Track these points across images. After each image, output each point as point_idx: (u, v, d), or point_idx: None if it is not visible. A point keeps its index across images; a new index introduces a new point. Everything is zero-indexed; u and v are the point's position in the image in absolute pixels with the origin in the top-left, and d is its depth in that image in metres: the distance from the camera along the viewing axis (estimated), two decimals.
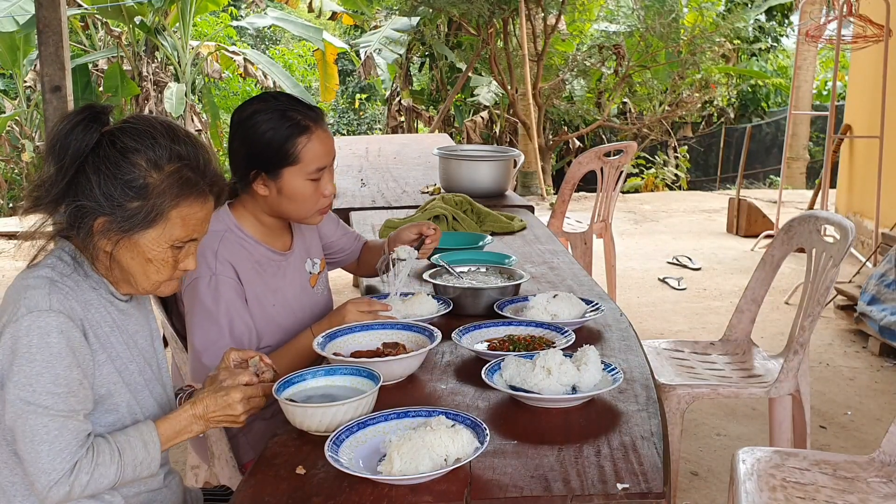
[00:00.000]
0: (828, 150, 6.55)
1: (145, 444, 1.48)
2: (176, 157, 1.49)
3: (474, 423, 1.44)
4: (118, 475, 1.44)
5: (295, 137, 1.98)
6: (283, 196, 2.02)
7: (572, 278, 2.63)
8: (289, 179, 2.00)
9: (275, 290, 2.10)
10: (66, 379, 1.40)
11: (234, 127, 2.03)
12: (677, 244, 7.46)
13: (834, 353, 4.58)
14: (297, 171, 2.00)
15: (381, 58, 12.26)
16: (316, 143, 2.00)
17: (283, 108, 2.00)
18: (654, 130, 12.50)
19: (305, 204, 2.04)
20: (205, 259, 1.97)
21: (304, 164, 1.99)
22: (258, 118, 1.98)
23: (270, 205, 2.05)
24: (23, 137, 11.53)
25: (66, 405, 1.40)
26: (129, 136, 1.48)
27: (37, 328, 1.39)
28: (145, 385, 1.59)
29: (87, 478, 1.40)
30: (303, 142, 1.98)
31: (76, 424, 1.41)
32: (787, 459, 2.09)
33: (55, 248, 1.52)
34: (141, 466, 1.48)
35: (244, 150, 2.01)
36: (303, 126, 1.99)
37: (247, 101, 2.05)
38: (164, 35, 11.42)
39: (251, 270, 2.04)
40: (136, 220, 1.47)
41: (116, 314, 1.55)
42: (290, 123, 1.98)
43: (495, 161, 4.03)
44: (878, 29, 6.00)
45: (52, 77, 4.87)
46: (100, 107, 1.50)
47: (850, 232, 2.43)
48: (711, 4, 12.50)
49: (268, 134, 1.97)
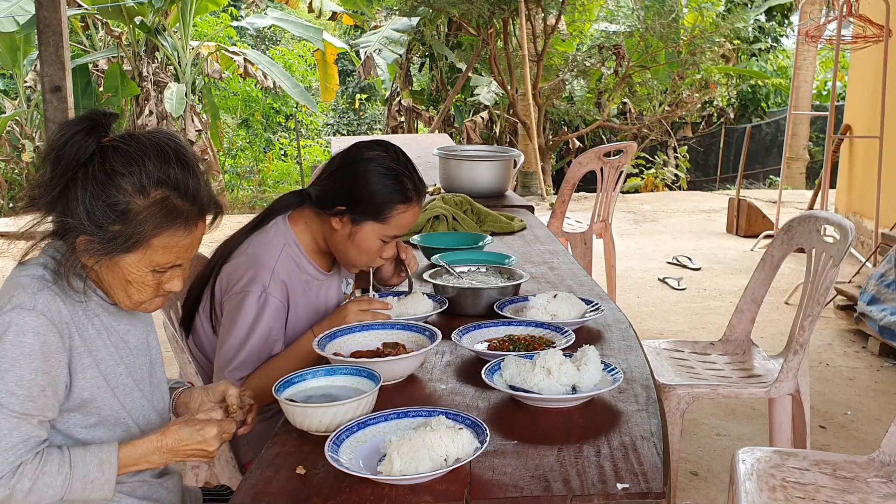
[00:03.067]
0: (828, 150, 6.55)
1: (101, 464, 1.43)
2: (163, 184, 1.46)
3: (474, 423, 1.44)
4: (65, 488, 1.40)
5: (397, 203, 2.03)
6: (352, 242, 2.06)
7: (572, 278, 2.63)
8: (367, 232, 2.05)
9: (315, 309, 2.13)
10: (29, 383, 1.38)
11: (349, 161, 2.06)
12: (677, 244, 7.46)
13: (834, 353, 4.58)
14: (379, 229, 2.05)
15: (381, 58, 12.27)
16: (408, 216, 2.07)
17: (401, 169, 2.06)
18: (654, 130, 12.51)
19: (365, 257, 2.09)
20: (261, 274, 1.99)
21: (388, 227, 2.05)
22: (374, 166, 2.03)
23: (334, 240, 2.09)
24: (23, 137, 11.54)
25: (21, 407, 1.37)
26: (119, 157, 1.45)
27: (15, 325, 1.38)
28: (135, 385, 1.58)
29: (30, 484, 1.37)
30: (400, 209, 2.04)
31: (28, 428, 1.39)
32: (787, 459, 2.09)
33: (49, 247, 1.51)
34: (92, 486, 1.42)
35: (346, 186, 2.04)
36: (408, 196, 2.05)
37: (370, 144, 2.10)
38: (164, 35, 11.43)
39: (299, 289, 2.08)
40: (116, 244, 1.45)
41: (106, 316, 1.54)
42: (399, 188, 2.03)
43: (495, 161, 4.03)
44: (878, 29, 6.00)
45: (52, 77, 4.87)
46: (101, 115, 1.48)
47: (850, 232, 2.43)
48: (711, 4, 12.50)
49: (376, 186, 2.02)
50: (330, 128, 18.61)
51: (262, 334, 1.99)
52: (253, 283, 1.98)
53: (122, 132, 1.51)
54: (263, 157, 16.27)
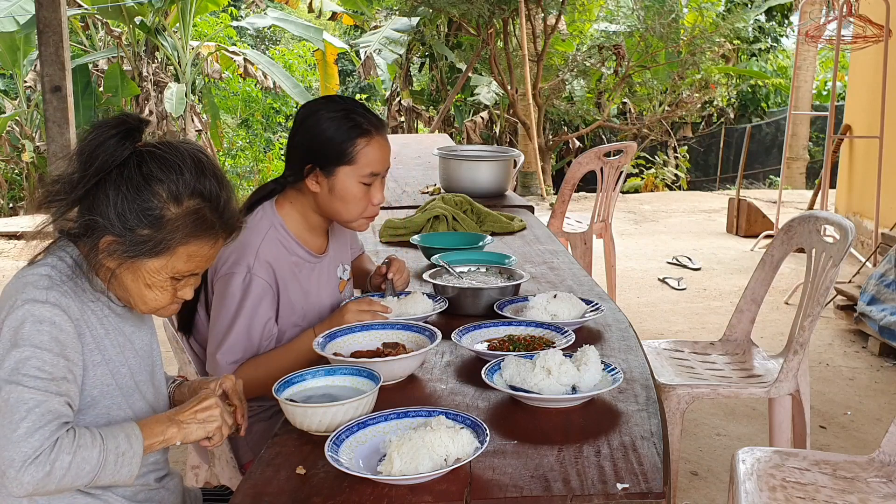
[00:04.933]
0: (828, 150, 6.55)
1: (128, 437, 1.43)
2: (198, 194, 1.48)
3: (474, 423, 1.44)
4: (100, 460, 1.37)
5: (355, 138, 2.02)
6: (334, 195, 2.05)
7: (572, 278, 2.63)
8: (342, 178, 2.03)
9: (306, 292, 2.12)
10: (51, 367, 1.38)
11: (298, 122, 2.08)
12: (677, 244, 7.46)
13: (834, 353, 4.58)
14: (352, 171, 2.03)
15: (381, 58, 12.27)
16: (374, 148, 2.04)
17: (349, 109, 2.05)
18: (653, 130, 12.51)
19: (355, 206, 2.07)
20: (245, 255, 1.99)
21: (359, 167, 2.03)
22: (322, 115, 2.03)
23: (320, 203, 2.07)
24: (23, 137, 11.54)
25: (46, 387, 1.37)
26: (157, 163, 1.46)
27: (31, 316, 1.39)
28: (136, 387, 1.58)
29: (69, 458, 1.33)
30: (362, 143, 2.02)
31: (57, 405, 1.37)
32: (787, 459, 2.09)
33: (57, 248, 1.51)
34: (122, 459, 1.41)
35: (304, 145, 2.05)
36: (364, 129, 2.03)
37: (313, 100, 2.11)
38: (164, 35, 11.43)
39: (288, 271, 2.06)
40: (143, 248, 1.46)
41: (113, 317, 1.55)
42: (352, 124, 2.02)
43: (495, 161, 4.03)
44: (878, 29, 6.00)
45: (52, 77, 4.87)
46: (135, 121, 1.49)
47: (850, 232, 2.43)
48: (711, 4, 12.50)
49: (329, 131, 2.01)
50: None
51: (249, 314, 1.98)
52: (237, 264, 1.98)
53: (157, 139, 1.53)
54: (263, 157, 16.28)
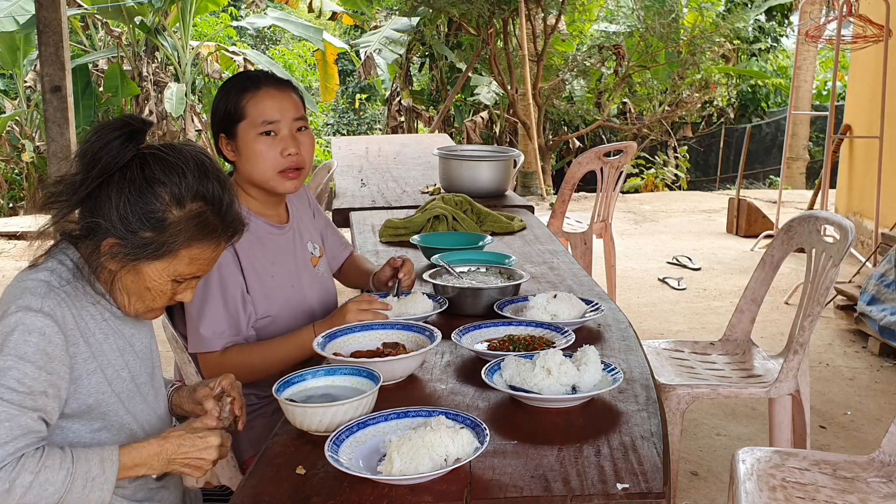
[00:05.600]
0: (828, 150, 6.55)
1: (102, 462, 1.41)
2: (201, 197, 1.48)
3: (474, 423, 1.44)
4: (66, 484, 1.36)
5: (240, 94, 2.09)
6: (244, 157, 2.10)
7: (572, 278, 2.63)
8: (242, 136, 2.09)
9: (273, 261, 2.15)
10: (31, 380, 1.37)
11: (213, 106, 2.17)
12: (677, 244, 7.46)
13: (834, 353, 4.58)
14: (247, 126, 2.08)
15: (381, 58, 12.26)
16: (262, 98, 2.09)
17: (241, 75, 2.16)
18: (653, 130, 12.50)
19: (264, 162, 2.10)
20: None
21: (252, 119, 2.08)
22: (219, 89, 2.14)
23: (241, 171, 2.13)
24: (23, 137, 11.52)
25: (21, 401, 1.36)
26: (160, 165, 1.46)
27: (22, 325, 1.38)
28: (137, 390, 1.58)
29: (31, 478, 1.33)
30: (247, 97, 2.09)
31: (29, 421, 1.36)
32: (787, 459, 2.09)
33: (58, 251, 1.51)
34: (93, 484, 1.38)
35: (212, 120, 2.14)
36: (247, 85, 2.10)
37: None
38: (164, 35, 11.43)
39: (247, 241, 2.06)
40: (146, 251, 1.46)
41: (113, 320, 1.55)
42: (236, 85, 2.11)
43: (495, 161, 4.03)
44: (878, 29, 6.00)
45: (52, 77, 4.87)
46: (138, 123, 1.49)
47: (850, 232, 2.43)
48: (711, 4, 12.49)
49: (220, 97, 2.11)
50: (330, 128, 18.61)
51: (219, 284, 2.02)
52: None
53: (160, 141, 1.53)
54: None
